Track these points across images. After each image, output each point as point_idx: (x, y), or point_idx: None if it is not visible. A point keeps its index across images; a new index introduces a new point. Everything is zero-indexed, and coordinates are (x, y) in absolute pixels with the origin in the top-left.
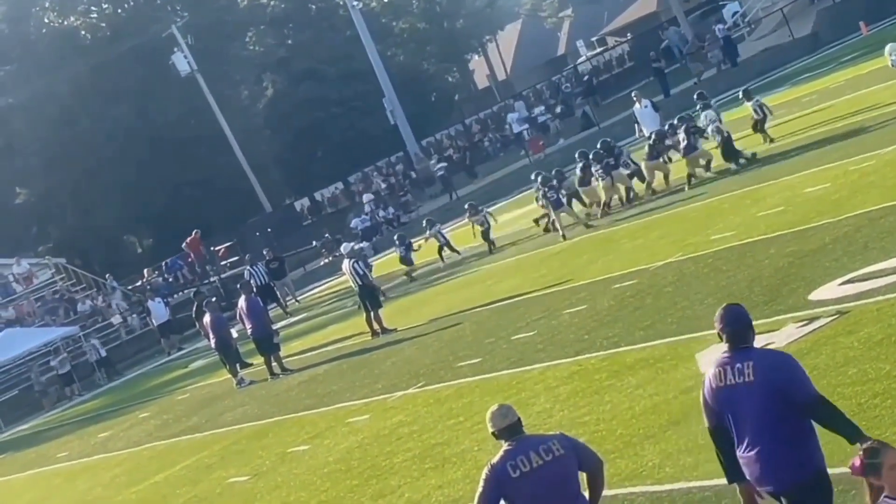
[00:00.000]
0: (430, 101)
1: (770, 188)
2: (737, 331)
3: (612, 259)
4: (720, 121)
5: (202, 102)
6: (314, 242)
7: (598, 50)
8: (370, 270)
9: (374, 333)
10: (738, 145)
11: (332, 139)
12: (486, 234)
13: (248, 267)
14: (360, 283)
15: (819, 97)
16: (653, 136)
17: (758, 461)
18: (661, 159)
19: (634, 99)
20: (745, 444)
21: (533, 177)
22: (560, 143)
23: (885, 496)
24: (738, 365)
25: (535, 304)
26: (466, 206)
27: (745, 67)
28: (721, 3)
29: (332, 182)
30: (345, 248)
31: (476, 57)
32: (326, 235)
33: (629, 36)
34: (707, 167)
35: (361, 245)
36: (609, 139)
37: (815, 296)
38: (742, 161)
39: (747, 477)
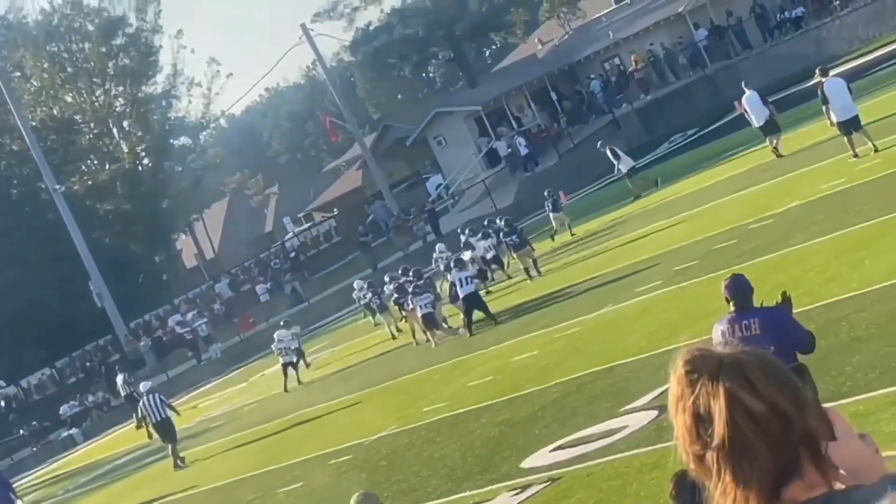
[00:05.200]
0: (137, 283)
1: (479, 357)
2: (739, 299)
3: (328, 434)
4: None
5: None
6: (21, 431)
7: (305, 226)
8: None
9: (178, 466)
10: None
11: (39, 324)
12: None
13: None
14: (160, 417)
15: (512, 270)
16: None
17: None
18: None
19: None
20: None
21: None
22: (271, 320)
23: None
24: (745, 322)
25: (250, 484)
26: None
27: (450, 238)
28: (425, 176)
29: (39, 368)
30: (143, 385)
31: (183, 236)
32: (34, 423)
33: (335, 211)
34: None
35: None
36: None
37: (527, 463)
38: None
39: None
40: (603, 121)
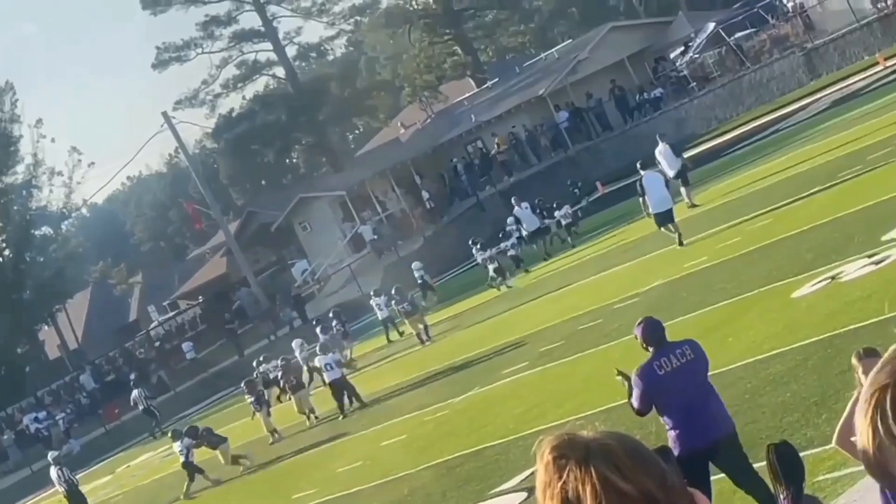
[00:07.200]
0: None
1: (349, 443)
2: (660, 336)
3: None
4: None
5: None
6: None
7: (171, 314)
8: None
9: None
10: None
11: None
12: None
13: None
14: (67, 487)
15: (389, 350)
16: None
17: (707, 417)
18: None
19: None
20: (692, 411)
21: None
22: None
23: None
24: (678, 351)
25: None
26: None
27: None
28: (290, 261)
29: None
30: (51, 455)
31: (46, 327)
32: None
33: (200, 299)
34: None
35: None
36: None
37: None
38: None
39: (696, 435)
40: (467, 203)
